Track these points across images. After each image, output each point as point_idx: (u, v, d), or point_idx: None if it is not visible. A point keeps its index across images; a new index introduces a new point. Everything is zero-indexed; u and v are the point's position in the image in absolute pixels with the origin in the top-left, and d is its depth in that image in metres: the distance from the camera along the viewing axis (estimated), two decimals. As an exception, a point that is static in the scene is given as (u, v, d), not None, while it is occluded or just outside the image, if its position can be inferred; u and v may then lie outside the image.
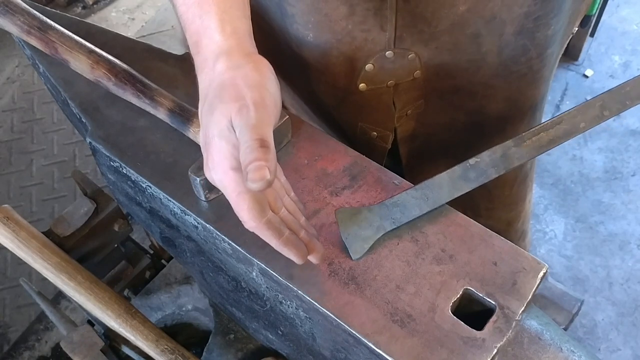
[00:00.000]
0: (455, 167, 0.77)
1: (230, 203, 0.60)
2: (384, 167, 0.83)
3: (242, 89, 0.58)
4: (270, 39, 0.93)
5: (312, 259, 0.66)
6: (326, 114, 1.05)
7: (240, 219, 0.61)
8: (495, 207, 1.17)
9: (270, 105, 0.59)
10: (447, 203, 0.76)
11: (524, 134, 0.78)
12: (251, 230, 0.61)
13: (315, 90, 0.98)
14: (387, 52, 0.87)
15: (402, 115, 0.98)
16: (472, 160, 0.77)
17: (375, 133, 1.01)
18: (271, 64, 0.63)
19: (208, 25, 0.63)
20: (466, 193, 0.76)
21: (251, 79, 0.59)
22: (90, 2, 2.94)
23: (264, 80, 0.60)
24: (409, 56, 0.87)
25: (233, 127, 0.57)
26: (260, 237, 0.62)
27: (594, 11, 1.02)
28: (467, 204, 0.76)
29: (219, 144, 0.58)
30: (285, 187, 0.70)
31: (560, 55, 1.03)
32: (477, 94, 0.96)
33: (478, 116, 1.00)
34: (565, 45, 1.03)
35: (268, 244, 0.65)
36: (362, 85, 0.91)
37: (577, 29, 1.02)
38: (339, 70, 0.90)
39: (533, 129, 0.78)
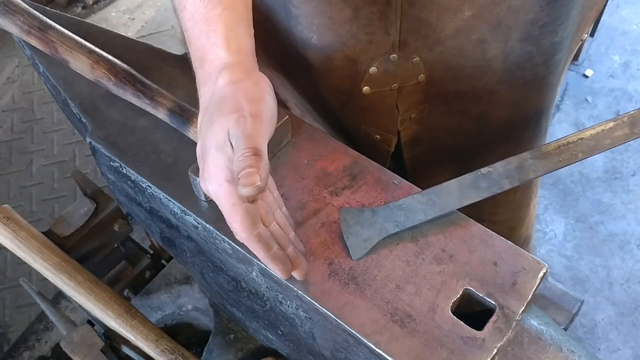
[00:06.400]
0: (466, 175, 0.75)
1: (224, 214, 0.62)
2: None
3: (241, 101, 0.60)
4: (275, 40, 0.93)
5: (296, 274, 0.68)
6: (330, 116, 1.05)
7: (232, 230, 0.63)
8: (499, 212, 1.16)
9: (267, 118, 0.61)
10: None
11: (542, 146, 0.74)
12: (241, 241, 0.63)
13: (320, 92, 0.98)
14: (391, 56, 0.86)
15: (406, 118, 0.98)
16: (484, 170, 0.74)
17: (378, 136, 1.00)
18: (276, 64, 0.64)
19: (214, 42, 0.65)
20: None
21: (250, 93, 0.62)
22: (90, 2, 2.94)
23: (262, 95, 0.62)
24: (413, 60, 0.87)
25: (230, 139, 0.59)
26: (250, 248, 0.64)
27: (594, 11, 1.01)
28: (470, 208, 0.75)
29: (215, 156, 0.60)
30: (277, 202, 0.72)
31: (568, 62, 1.02)
32: (481, 99, 0.95)
33: (482, 121, 0.99)
34: (575, 52, 1.02)
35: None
36: (365, 88, 0.91)
37: (586, 35, 1.00)
38: (342, 73, 0.90)
39: (553, 143, 0.74)
